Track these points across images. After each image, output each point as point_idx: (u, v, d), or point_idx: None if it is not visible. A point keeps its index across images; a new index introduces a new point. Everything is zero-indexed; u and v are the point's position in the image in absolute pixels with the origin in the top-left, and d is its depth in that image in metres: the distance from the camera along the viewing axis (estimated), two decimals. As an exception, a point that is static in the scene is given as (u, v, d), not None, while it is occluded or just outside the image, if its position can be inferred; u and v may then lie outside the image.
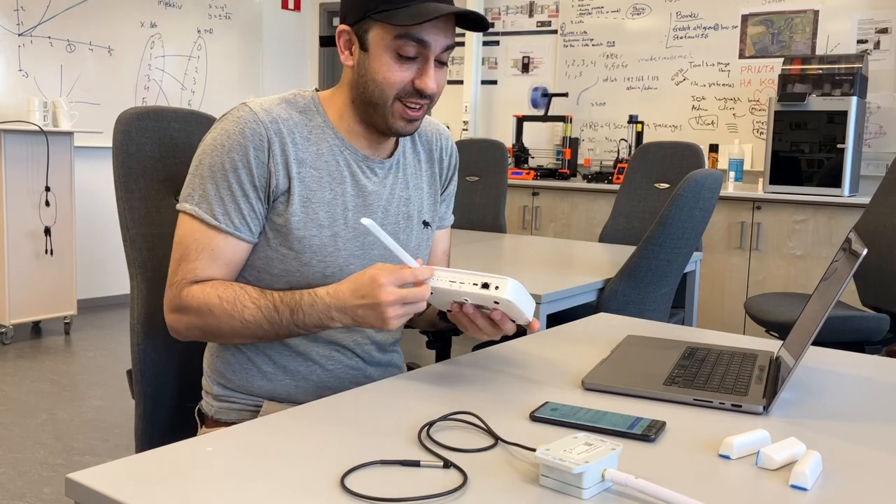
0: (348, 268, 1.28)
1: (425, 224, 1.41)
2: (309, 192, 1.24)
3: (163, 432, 1.43)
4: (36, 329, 4.67)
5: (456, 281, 1.11)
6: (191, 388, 1.46)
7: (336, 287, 1.15)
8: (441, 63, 1.25)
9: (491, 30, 5.90)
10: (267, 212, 1.24)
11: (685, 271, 2.86)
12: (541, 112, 5.62)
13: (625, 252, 2.88)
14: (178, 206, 1.24)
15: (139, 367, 1.38)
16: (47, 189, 4.38)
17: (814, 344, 1.19)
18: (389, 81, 1.21)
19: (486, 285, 1.09)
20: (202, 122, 1.51)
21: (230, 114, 1.24)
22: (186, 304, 1.20)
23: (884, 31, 4.42)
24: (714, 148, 4.90)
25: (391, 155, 1.35)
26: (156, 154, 1.41)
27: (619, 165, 4.91)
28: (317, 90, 1.32)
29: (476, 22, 1.23)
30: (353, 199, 1.29)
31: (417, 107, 1.24)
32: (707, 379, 1.16)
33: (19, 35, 4.80)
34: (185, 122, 1.47)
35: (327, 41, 1.35)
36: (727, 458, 0.89)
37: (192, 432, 1.40)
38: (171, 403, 1.44)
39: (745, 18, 4.83)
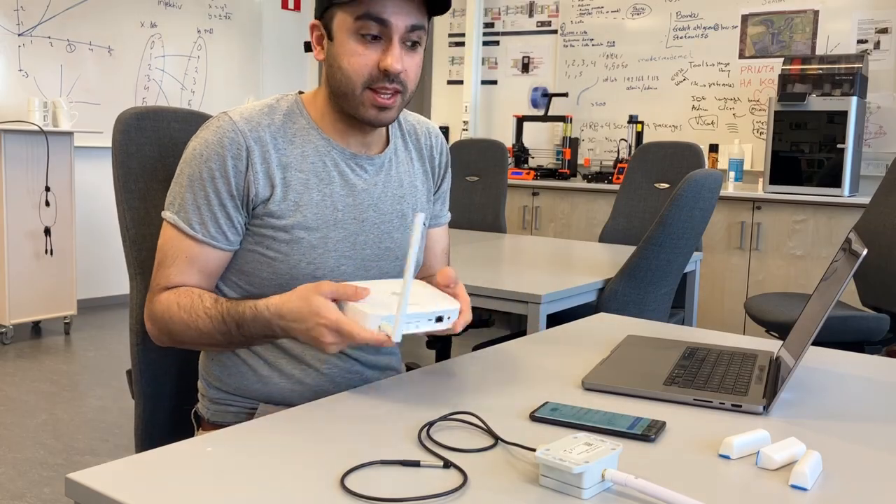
0: (339, 269, 1.27)
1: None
2: (296, 196, 1.24)
3: (162, 432, 1.43)
4: (36, 329, 4.67)
5: (412, 322, 1.05)
6: (190, 390, 1.46)
7: (278, 304, 1.10)
8: (412, 45, 1.22)
9: (491, 30, 5.90)
10: (247, 220, 1.24)
11: (685, 271, 2.86)
12: (541, 112, 5.62)
13: (625, 252, 2.88)
14: (162, 214, 1.25)
15: (138, 367, 1.38)
16: (47, 189, 4.38)
17: (814, 344, 1.19)
18: (354, 66, 1.19)
19: (440, 318, 1.08)
20: (202, 122, 1.50)
21: (210, 123, 1.24)
22: (155, 310, 1.22)
23: (884, 31, 4.42)
24: (714, 148, 4.90)
25: (382, 151, 1.34)
26: (155, 154, 1.41)
27: (619, 165, 4.91)
28: (300, 93, 1.32)
29: (435, 3, 1.20)
30: (343, 199, 1.28)
31: (388, 93, 1.21)
32: (707, 379, 1.16)
33: (19, 35, 4.80)
34: (185, 122, 1.47)
35: (310, 47, 1.35)
36: (727, 458, 0.89)
37: (191, 433, 1.40)
38: (170, 404, 1.44)
39: (745, 18, 4.83)
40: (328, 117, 1.28)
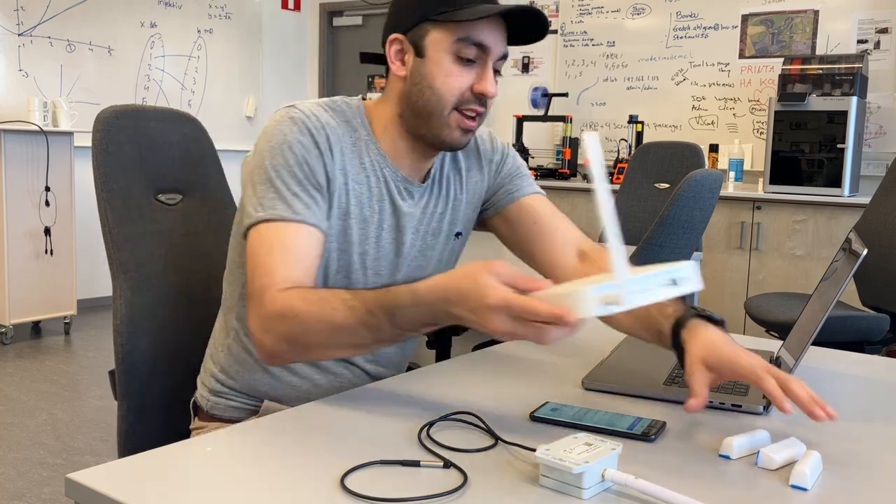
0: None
1: (457, 235, 1.36)
2: (348, 206, 1.19)
3: (148, 434, 1.40)
4: (36, 329, 4.67)
5: (642, 290, 0.85)
6: (178, 389, 1.44)
7: (442, 283, 0.97)
8: (495, 72, 1.19)
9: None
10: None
11: (685, 271, 2.85)
12: (541, 112, 5.62)
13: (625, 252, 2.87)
14: (248, 222, 1.14)
15: (123, 367, 1.36)
16: (47, 189, 4.38)
17: (814, 344, 1.19)
18: (448, 86, 1.16)
19: (674, 282, 0.86)
20: (181, 121, 1.50)
21: (281, 119, 1.17)
22: (269, 315, 1.07)
23: (884, 31, 4.42)
24: (714, 148, 4.90)
25: (426, 178, 1.29)
26: (135, 153, 1.40)
27: (619, 165, 4.91)
28: (362, 98, 1.27)
29: (531, 33, 1.18)
30: (389, 217, 1.24)
31: (474, 115, 1.18)
32: (707, 379, 1.15)
33: (19, 35, 4.80)
34: (166, 121, 1.46)
35: (370, 58, 1.30)
36: (727, 458, 0.89)
37: (177, 435, 1.38)
38: (157, 404, 1.42)
39: (745, 18, 4.83)
40: (389, 133, 1.23)
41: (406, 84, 1.20)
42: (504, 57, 1.20)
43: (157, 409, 1.43)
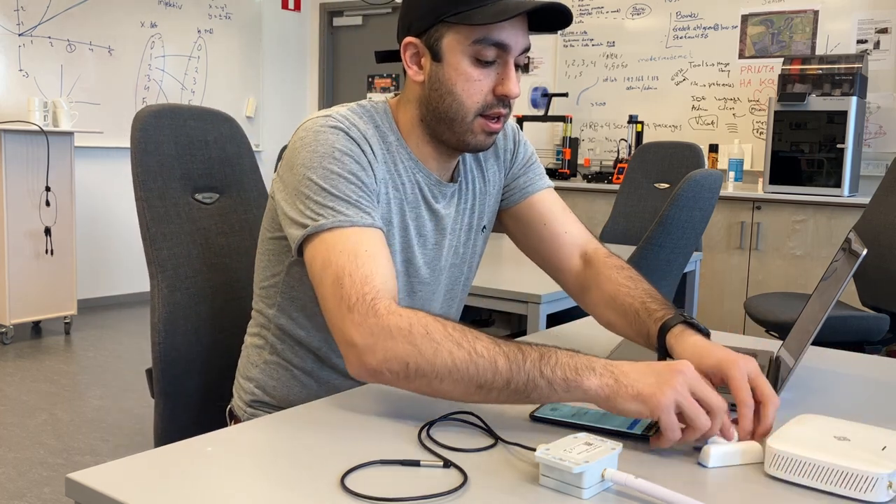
0: (415, 294, 1.23)
1: (483, 229, 1.35)
2: (390, 215, 1.17)
3: (184, 432, 1.41)
4: (36, 329, 4.67)
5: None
6: (214, 388, 1.45)
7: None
8: (516, 66, 1.14)
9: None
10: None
11: (685, 271, 2.86)
12: (541, 112, 5.62)
13: (625, 252, 2.87)
14: (305, 234, 1.07)
15: (160, 366, 1.37)
16: (47, 189, 4.38)
17: (814, 344, 1.19)
18: (469, 92, 1.12)
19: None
20: (218, 120, 1.52)
21: (320, 127, 1.11)
22: (388, 324, 0.96)
23: (884, 31, 4.42)
24: (714, 148, 4.90)
25: (453, 177, 1.27)
26: (173, 152, 1.42)
27: (619, 165, 4.91)
28: (387, 100, 1.23)
29: (554, 21, 1.13)
30: (428, 222, 1.23)
31: (498, 118, 1.15)
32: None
33: (19, 35, 4.80)
34: (202, 119, 1.48)
35: (386, 56, 1.24)
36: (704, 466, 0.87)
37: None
38: (193, 402, 1.43)
39: (744, 18, 4.83)
40: (414, 138, 1.20)
41: (424, 89, 1.16)
42: (526, 49, 1.14)
43: (194, 406, 1.44)
